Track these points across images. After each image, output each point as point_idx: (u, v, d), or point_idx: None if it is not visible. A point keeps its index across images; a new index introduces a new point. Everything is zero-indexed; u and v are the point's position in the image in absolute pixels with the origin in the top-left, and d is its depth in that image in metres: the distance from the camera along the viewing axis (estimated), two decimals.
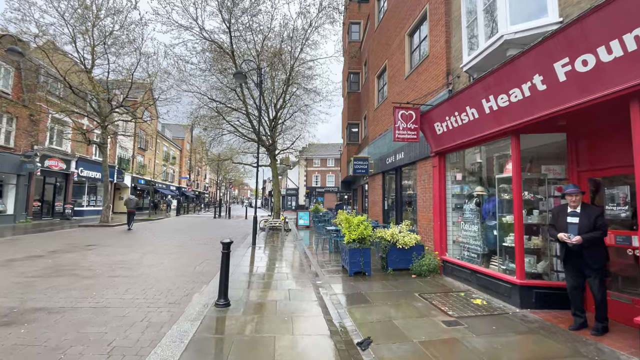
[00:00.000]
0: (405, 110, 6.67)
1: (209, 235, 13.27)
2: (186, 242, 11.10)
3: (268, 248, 10.01)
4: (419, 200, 8.42)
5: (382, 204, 11.63)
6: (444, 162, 6.76)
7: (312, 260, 8.17)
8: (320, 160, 45.86)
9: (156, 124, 37.69)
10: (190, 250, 9.37)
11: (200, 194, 63.38)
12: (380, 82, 12.90)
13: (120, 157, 28.18)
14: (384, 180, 11.74)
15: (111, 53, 14.80)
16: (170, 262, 7.63)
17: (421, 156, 8.29)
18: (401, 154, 9.70)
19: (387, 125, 11.21)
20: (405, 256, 6.78)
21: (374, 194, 12.72)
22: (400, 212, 10.07)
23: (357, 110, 20.01)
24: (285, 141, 21.73)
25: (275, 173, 17.55)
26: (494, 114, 4.91)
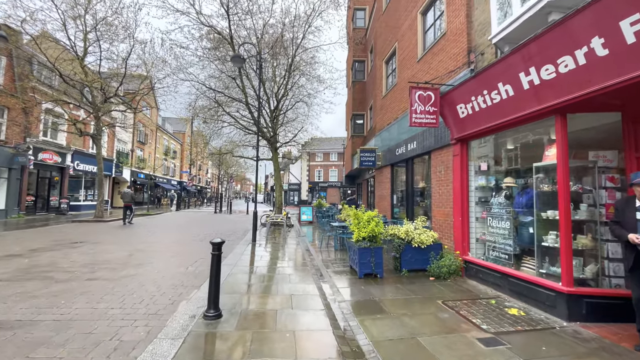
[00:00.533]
0: (423, 91, 5.88)
1: (207, 231, 12.60)
2: (182, 238, 10.42)
3: (269, 245, 9.31)
4: (434, 194, 7.66)
5: (391, 198, 10.88)
6: (466, 150, 5.97)
7: (316, 259, 7.46)
8: (323, 154, 45.04)
9: (156, 117, 37.00)
10: (184, 248, 8.69)
11: (202, 188, 62.88)
12: (388, 68, 12.06)
13: (118, 150, 27.53)
14: (392, 172, 10.96)
15: (104, 40, 14.02)
16: (160, 261, 6.95)
17: (436, 145, 7.51)
18: (413, 144, 8.91)
19: (397, 114, 10.41)
20: (422, 256, 6.04)
21: (381, 187, 11.95)
22: (411, 207, 9.31)
23: (363, 100, 19.17)
24: (287, 134, 20.99)
25: (277, 166, 16.81)
26: (535, 89, 4.11)
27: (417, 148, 8.60)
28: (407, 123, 9.84)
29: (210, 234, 11.54)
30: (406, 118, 9.49)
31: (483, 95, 4.93)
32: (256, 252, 8.19)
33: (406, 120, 9.67)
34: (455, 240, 6.07)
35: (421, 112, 5.85)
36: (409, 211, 9.38)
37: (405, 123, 9.63)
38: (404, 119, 9.57)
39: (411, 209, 9.32)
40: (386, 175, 11.37)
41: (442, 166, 7.36)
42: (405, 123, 9.63)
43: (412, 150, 9.00)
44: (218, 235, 11.34)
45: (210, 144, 27.77)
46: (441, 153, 7.41)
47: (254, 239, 9.68)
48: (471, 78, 5.10)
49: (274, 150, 16.72)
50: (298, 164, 47.58)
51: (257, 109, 10.84)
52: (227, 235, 11.45)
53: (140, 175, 32.61)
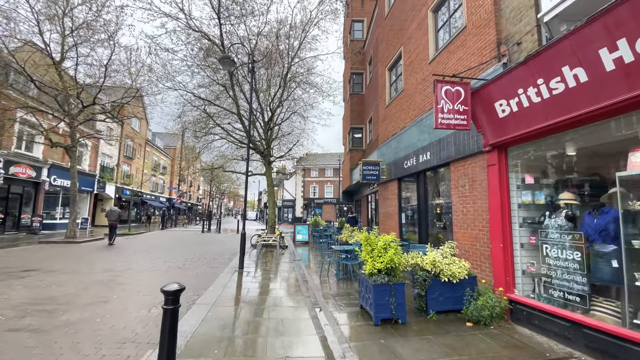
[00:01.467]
0: (450, 86, 4.75)
1: (189, 254, 11.10)
2: (156, 265, 8.93)
3: (259, 272, 7.89)
4: (456, 213, 6.45)
5: (399, 216, 9.62)
6: (505, 158, 4.80)
7: (316, 293, 6.07)
8: (319, 170, 43.94)
9: (146, 131, 35.75)
10: (156, 279, 7.23)
11: (192, 205, 60.91)
12: (392, 75, 11.10)
13: (103, 165, 26.02)
14: (400, 188, 9.76)
15: (83, 44, 12.91)
16: (120, 298, 5.50)
17: (457, 155, 6.38)
18: (426, 155, 7.77)
19: (405, 122, 9.34)
20: (453, 293, 4.74)
21: (386, 204, 10.71)
22: (425, 227, 8.05)
23: (361, 113, 18.25)
24: (282, 147, 19.90)
25: (270, 182, 15.53)
26: (625, 70, 2.99)
27: (432, 159, 7.44)
28: (416, 132, 8.77)
29: (191, 259, 10.06)
30: (417, 126, 8.41)
31: (537, 86, 3.80)
32: (243, 283, 6.78)
33: (416, 129, 8.59)
34: (495, 273, 4.79)
35: (449, 112, 4.71)
36: (422, 232, 8.11)
37: (415, 132, 8.52)
38: (414, 127, 8.48)
39: (425, 230, 8.06)
40: (392, 191, 10.15)
41: (465, 179, 6.19)
42: (415, 132, 8.52)
43: (425, 162, 7.84)
44: (201, 260, 9.89)
45: (200, 159, 26.53)
46: (464, 164, 6.26)
47: (241, 265, 8.25)
48: (519, 66, 3.99)
49: (268, 164, 15.48)
50: (292, 179, 46.33)
51: (248, 119, 9.78)
52: (211, 259, 9.99)
53: (125, 191, 30.92)
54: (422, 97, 8.38)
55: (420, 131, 8.19)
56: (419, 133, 8.23)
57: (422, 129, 8.09)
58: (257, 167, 22.68)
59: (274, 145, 19.75)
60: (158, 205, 39.86)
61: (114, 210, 15.18)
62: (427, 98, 8.02)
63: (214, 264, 9.21)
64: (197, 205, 64.87)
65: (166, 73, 13.77)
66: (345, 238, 10.11)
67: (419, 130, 8.26)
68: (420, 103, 8.41)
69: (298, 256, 11.11)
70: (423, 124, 8.02)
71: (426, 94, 8.08)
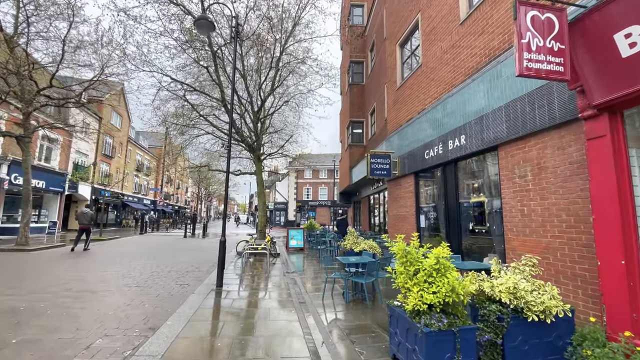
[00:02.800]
0: (539, 11, 3.03)
1: (160, 265, 9.14)
2: (110, 281, 6.98)
3: (242, 294, 6.03)
4: (509, 213, 4.76)
5: (416, 219, 7.88)
6: (622, 126, 3.08)
7: (321, 332, 4.24)
8: (312, 171, 42.10)
9: (128, 128, 33.46)
10: (95, 306, 5.30)
11: (180, 208, 58.32)
12: (404, 51, 9.43)
13: (76, 163, 23.71)
14: (417, 184, 8.03)
15: (37, 13, 10.86)
16: (27, 342, 3.58)
17: (512, 135, 4.72)
18: (458, 140, 6.07)
19: (424, 104, 7.65)
20: (543, 337, 2.98)
21: (398, 204, 8.97)
22: (455, 233, 6.32)
23: (361, 105, 16.57)
24: (273, 145, 18.07)
25: (260, 180, 13.65)
26: None
27: (469, 144, 5.74)
28: (441, 114, 7.05)
29: (160, 271, 8.12)
30: (444, 106, 6.67)
31: None
32: (219, 310, 4.92)
33: (441, 110, 6.85)
34: (609, 306, 3.04)
35: (538, 51, 2.98)
36: (451, 239, 6.37)
37: (439, 114, 6.80)
38: (439, 107, 6.78)
39: (456, 236, 6.32)
40: (407, 188, 8.42)
41: (526, 167, 4.49)
42: (439, 114, 6.80)
43: (456, 149, 6.14)
44: (171, 272, 7.94)
45: (184, 156, 24.44)
46: (524, 146, 4.58)
47: (220, 282, 6.37)
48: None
49: (257, 160, 13.61)
50: (285, 181, 44.42)
51: (231, 96, 8.08)
52: (185, 272, 8.06)
53: (104, 192, 28.53)
54: (449, 70, 6.69)
55: (448, 111, 6.50)
56: (447, 114, 6.53)
57: (451, 108, 6.40)
58: (247, 166, 20.79)
59: (265, 142, 17.94)
60: (141, 207, 37.39)
61: (85, 212, 13.23)
62: (457, 69, 6.35)
63: (187, 279, 7.29)
64: (185, 208, 62.29)
65: (141, 54, 11.82)
66: (350, 245, 8.32)
67: (446, 111, 6.56)
68: (447, 77, 6.72)
69: (292, 267, 9.25)
70: (454, 101, 6.33)
71: (456, 65, 6.40)
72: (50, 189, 20.34)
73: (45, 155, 20.39)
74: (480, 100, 5.51)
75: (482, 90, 5.49)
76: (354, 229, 8.69)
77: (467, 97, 5.92)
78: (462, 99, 6.05)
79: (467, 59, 6.09)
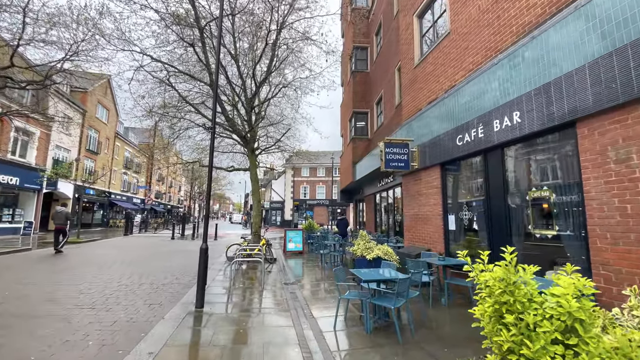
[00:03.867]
0: None
1: (133, 275, 7.67)
2: (59, 300, 5.50)
3: (227, 320, 4.59)
4: (597, 214, 3.42)
5: (443, 221, 6.49)
6: None
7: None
8: (310, 169, 40.65)
9: (115, 123, 31.73)
10: (28, 337, 3.84)
11: (173, 207, 56.54)
12: (424, 22, 8.03)
13: (56, 158, 22.01)
14: (444, 177, 6.65)
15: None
16: None
17: (604, 103, 3.37)
18: (510, 118, 4.71)
19: (453, 80, 6.28)
20: None
21: (418, 203, 7.58)
22: (504, 238, 4.94)
23: (366, 94, 15.17)
24: (269, 139, 16.67)
25: (254, 176, 12.20)
26: None
27: (528, 122, 4.37)
28: (480, 88, 5.59)
29: (131, 284, 6.65)
30: (484, 78, 5.18)
31: None
32: (196, 350, 3.48)
33: (482, 83, 5.34)
34: None
35: None
36: (495, 244, 4.99)
37: (477, 89, 5.40)
38: (479, 79, 5.39)
39: (503, 242, 4.93)
40: (430, 183, 7.03)
41: (629, 148, 3.12)
42: (477, 89, 5.40)
43: (506, 129, 4.76)
44: (143, 284, 6.47)
45: (175, 152, 22.90)
46: (625, 118, 3.21)
47: (200, 302, 4.93)
48: None
49: (251, 153, 12.14)
50: (281, 179, 42.94)
51: (217, 57, 6.69)
52: (159, 285, 6.60)
53: (89, 191, 26.83)
54: (491, 32, 5.31)
55: (490, 84, 5.12)
56: (488, 88, 5.16)
57: (496, 78, 5.02)
58: (241, 162, 19.31)
59: (261, 136, 16.50)
60: (131, 207, 35.67)
61: (60, 212, 11.95)
62: (505, 29, 5.00)
63: (160, 295, 5.83)
64: (177, 207, 60.52)
65: (118, 30, 10.25)
66: (361, 252, 6.92)
67: (487, 83, 5.19)
68: (488, 41, 5.34)
69: (291, 275, 7.83)
70: (500, 69, 4.95)
71: (502, 24, 5.05)
72: (26, 186, 18.67)
73: (20, 149, 18.69)
74: (542, 64, 4.14)
75: (545, 50, 4.12)
76: (365, 232, 7.28)
77: (519, 61, 4.54)
78: (512, 65, 4.67)
79: (519, 14, 4.72)
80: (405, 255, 7.01)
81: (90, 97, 26.31)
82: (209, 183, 5.51)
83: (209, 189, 5.51)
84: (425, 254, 6.55)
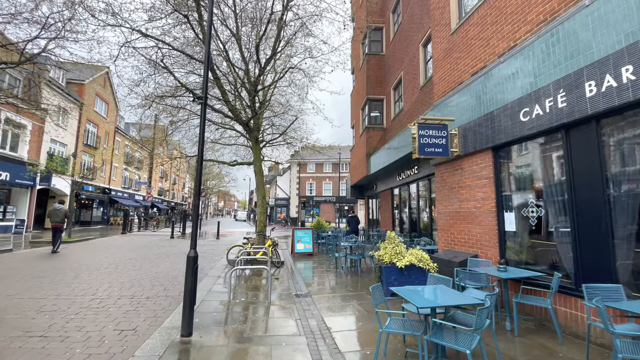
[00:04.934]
0: None
1: (114, 285, 6.45)
2: (12, 318, 4.28)
3: (224, 355, 3.32)
4: None
5: (497, 218, 5.13)
6: None
7: None
8: (316, 165, 39.28)
9: (115, 117, 30.68)
10: None
11: (176, 205, 55.66)
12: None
13: (52, 153, 20.96)
14: (497, 163, 5.28)
15: None
16: None
17: None
18: (614, 77, 3.35)
19: (509, 41, 4.89)
20: None
21: (460, 197, 6.23)
22: (602, 246, 3.58)
23: (381, 80, 13.79)
24: (274, 130, 15.42)
25: (259, 168, 10.91)
26: None
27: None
28: (558, 41, 4.12)
29: (105, 300, 5.42)
30: (562, 29, 3.75)
31: None
32: None
33: (559, 35, 3.92)
34: None
35: None
36: (583, 253, 3.63)
37: (555, 40, 4.02)
38: (553, 34, 3.99)
39: (602, 251, 3.60)
40: (476, 172, 5.67)
41: None
42: (555, 40, 4.02)
43: (607, 94, 3.44)
44: (122, 298, 5.23)
45: (179, 147, 21.77)
46: None
47: (189, 329, 3.65)
48: None
49: (255, 143, 10.86)
50: (286, 176, 41.70)
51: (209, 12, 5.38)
52: (144, 299, 5.35)
53: (87, 187, 25.84)
54: None
55: (575, 35, 3.74)
56: (573, 40, 3.78)
57: (585, 26, 3.64)
58: (245, 156, 18.08)
59: (266, 128, 15.23)
60: (133, 204, 34.75)
61: (58, 209, 11.06)
62: None
63: (138, 315, 4.58)
64: (182, 204, 59.67)
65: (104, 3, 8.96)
66: (390, 258, 5.62)
67: (571, 35, 3.81)
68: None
69: (302, 283, 6.53)
70: (591, 13, 3.57)
71: None
72: (17, 182, 17.61)
73: (11, 142, 17.63)
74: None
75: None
76: (394, 233, 5.95)
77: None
78: (610, 8, 3.30)
79: None
80: (443, 262, 5.69)
81: (88, 90, 25.22)
82: (200, 167, 4.22)
83: (199, 176, 4.23)
84: (472, 261, 5.22)
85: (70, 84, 23.93)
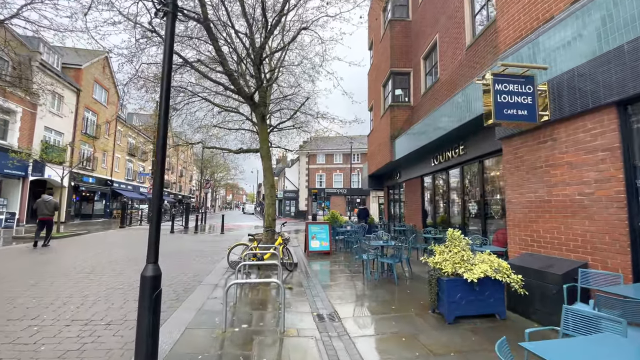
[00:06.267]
0: None
1: (72, 298, 4.93)
2: None
3: None
4: None
5: (629, 208, 3.35)
6: None
7: None
8: (326, 156, 37.47)
9: (117, 105, 29.30)
10: None
11: (184, 197, 54.69)
12: None
13: (47, 141, 19.67)
14: (626, 126, 3.47)
15: None
16: None
17: None
18: None
19: None
20: None
21: (550, 180, 4.45)
22: None
23: (407, 49, 11.89)
24: (282, 115, 13.89)
25: (266, 151, 9.25)
26: None
27: None
28: None
29: (53, 324, 3.87)
30: None
31: None
32: None
33: None
34: None
35: None
36: None
37: None
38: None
39: None
40: (584, 143, 3.88)
41: None
42: None
43: None
44: (88, 316, 3.67)
45: (181, 137, 20.26)
46: None
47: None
48: None
49: (261, 120, 9.17)
50: (295, 167, 40.05)
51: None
52: (106, 325, 3.78)
53: (87, 179, 24.63)
54: None
55: None
56: None
57: None
58: (252, 144, 16.48)
59: (273, 111, 13.61)
60: (137, 196, 33.64)
61: (48, 201, 10.30)
62: None
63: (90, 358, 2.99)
64: (189, 197, 58.75)
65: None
66: (453, 267, 3.90)
67: None
68: None
69: (326, 299, 4.85)
70: None
71: None
72: (7, 172, 16.33)
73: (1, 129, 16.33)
74: None
75: None
76: (459, 232, 4.22)
77: None
78: None
79: None
80: (529, 272, 3.97)
81: (85, 75, 23.80)
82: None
83: (163, 131, 2.57)
84: (584, 272, 3.49)
85: (66, 69, 22.52)
